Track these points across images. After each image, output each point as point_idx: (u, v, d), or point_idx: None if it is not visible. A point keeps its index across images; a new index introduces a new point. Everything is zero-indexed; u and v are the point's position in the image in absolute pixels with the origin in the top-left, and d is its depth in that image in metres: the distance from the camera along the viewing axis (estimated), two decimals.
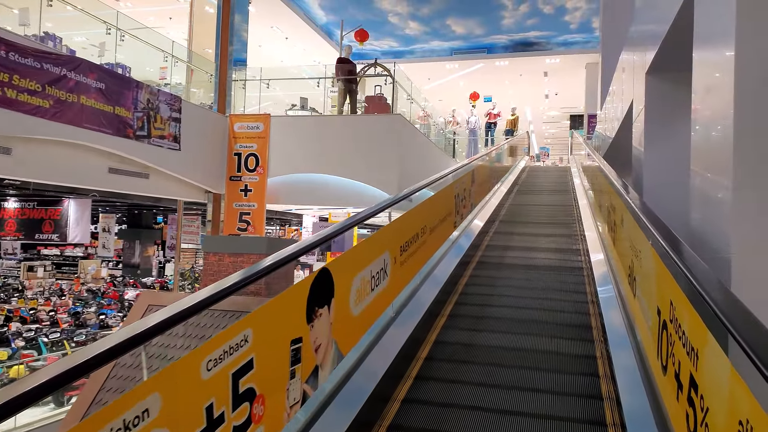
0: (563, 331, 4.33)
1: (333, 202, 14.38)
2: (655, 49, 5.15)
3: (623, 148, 9.78)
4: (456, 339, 4.20)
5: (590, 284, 5.51)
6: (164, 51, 12.48)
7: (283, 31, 18.32)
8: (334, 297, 2.67)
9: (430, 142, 16.76)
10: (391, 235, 3.74)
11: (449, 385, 3.52)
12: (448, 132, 21.42)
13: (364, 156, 12.68)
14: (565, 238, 7.61)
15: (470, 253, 6.55)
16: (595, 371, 3.68)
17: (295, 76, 15.82)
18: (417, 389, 3.45)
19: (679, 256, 2.15)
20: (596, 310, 4.72)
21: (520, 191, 12.52)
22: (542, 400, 3.37)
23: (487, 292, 5.32)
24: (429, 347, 4.02)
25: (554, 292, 5.35)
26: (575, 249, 6.91)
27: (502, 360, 3.85)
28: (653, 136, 5.68)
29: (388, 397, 3.26)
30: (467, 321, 4.56)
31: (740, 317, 1.59)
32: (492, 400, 3.35)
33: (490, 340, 4.19)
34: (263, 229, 13.38)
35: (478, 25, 19.04)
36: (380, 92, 14.08)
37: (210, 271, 8.45)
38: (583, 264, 6.24)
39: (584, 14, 17.64)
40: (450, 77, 23.30)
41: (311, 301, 2.42)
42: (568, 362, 3.83)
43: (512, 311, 4.79)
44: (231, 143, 13.48)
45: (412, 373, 3.63)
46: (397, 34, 19.89)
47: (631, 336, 3.65)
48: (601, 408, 3.26)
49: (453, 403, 3.31)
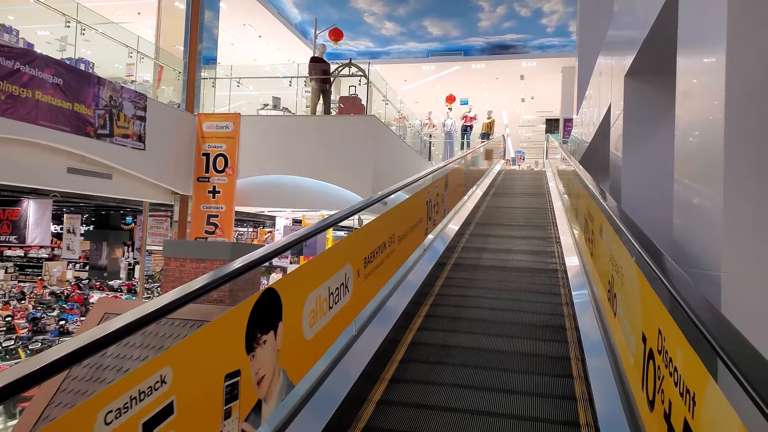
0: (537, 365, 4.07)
1: (304, 204, 14.02)
2: (635, 51, 4.94)
3: (600, 153, 9.62)
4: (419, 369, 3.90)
5: (564, 286, 5.29)
6: (128, 46, 12.00)
7: (256, 29, 17.91)
8: (282, 320, 2.35)
9: (406, 144, 16.51)
10: (354, 245, 3.44)
11: (416, 410, 3.23)
12: (424, 134, 21.19)
13: (337, 158, 12.37)
14: (539, 241, 7.60)
15: (442, 262, 6.29)
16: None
17: (268, 75, 15.41)
18: (380, 417, 3.15)
19: (669, 280, 1.89)
20: (572, 324, 4.48)
21: (496, 194, 12.33)
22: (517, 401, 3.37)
23: (460, 304, 5.05)
24: (394, 367, 3.73)
25: (529, 294, 5.15)
26: (550, 251, 6.74)
27: (467, 396, 3.56)
28: (632, 140, 5.47)
29: (346, 427, 2.95)
30: (432, 349, 4.25)
31: (747, 361, 1.32)
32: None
33: (455, 373, 3.89)
34: (231, 231, 12.98)
35: (455, 27, 18.85)
36: (354, 93, 13.78)
37: (171, 278, 8.04)
38: (558, 266, 6.03)
39: (561, 18, 17.55)
40: (426, 79, 23.09)
41: (252, 328, 2.10)
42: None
43: (485, 325, 4.52)
44: (199, 143, 13.06)
45: (375, 396, 3.33)
46: (373, 34, 19.61)
47: (609, 352, 3.40)
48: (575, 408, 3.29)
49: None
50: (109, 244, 23.98)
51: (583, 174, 6.10)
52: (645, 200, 5.29)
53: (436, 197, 6.22)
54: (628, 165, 5.50)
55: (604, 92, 7.29)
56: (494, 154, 19.72)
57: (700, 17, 3.13)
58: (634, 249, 2.56)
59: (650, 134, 5.38)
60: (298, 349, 2.53)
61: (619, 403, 2.94)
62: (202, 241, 9.01)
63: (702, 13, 3.08)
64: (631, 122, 5.48)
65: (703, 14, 3.06)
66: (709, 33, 2.92)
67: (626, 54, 5.45)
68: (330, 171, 12.36)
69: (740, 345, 1.39)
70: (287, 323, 2.39)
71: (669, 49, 4.78)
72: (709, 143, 2.74)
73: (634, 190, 5.41)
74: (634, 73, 5.38)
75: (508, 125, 31.98)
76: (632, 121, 5.47)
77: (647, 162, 5.40)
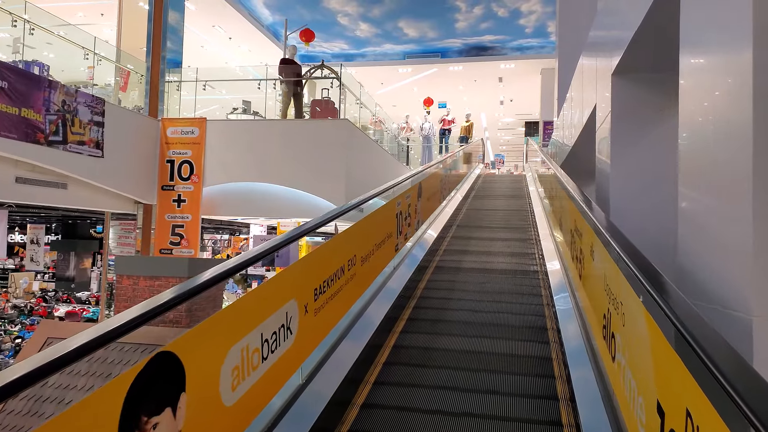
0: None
1: (275, 213, 13.41)
2: (623, 48, 4.44)
3: (584, 157, 9.15)
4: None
5: (551, 319, 4.76)
6: (84, 48, 11.30)
7: (226, 31, 17.25)
8: (185, 391, 1.78)
9: (382, 149, 15.97)
10: (301, 275, 2.87)
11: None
12: (402, 139, 20.69)
13: (309, 164, 11.78)
14: (519, 243, 7.44)
15: (412, 283, 5.75)
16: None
17: (235, 78, 14.78)
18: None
19: (706, 352, 1.34)
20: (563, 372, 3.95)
21: (476, 196, 11.86)
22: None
23: (437, 318, 4.50)
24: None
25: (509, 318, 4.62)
26: (533, 266, 6.21)
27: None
28: (621, 143, 4.97)
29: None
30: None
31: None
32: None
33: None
34: (198, 243, 12.31)
35: (431, 28, 18.37)
36: (327, 96, 13.20)
37: (124, 297, 7.40)
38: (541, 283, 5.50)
39: (539, 18, 17.16)
40: (403, 82, 22.58)
41: (132, 411, 1.52)
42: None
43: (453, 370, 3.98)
44: (163, 149, 12.37)
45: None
46: (348, 36, 19.05)
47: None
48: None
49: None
50: (77, 254, 23.07)
51: (565, 181, 5.60)
52: (635, 209, 4.79)
53: (408, 208, 5.67)
54: (616, 170, 5.00)
55: (588, 93, 6.80)
56: (473, 158, 19.27)
57: (713, 10, 2.62)
58: (640, 286, 2.02)
59: (641, 136, 4.89)
60: (214, 422, 1.95)
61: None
62: (157, 258, 8.36)
63: (716, 6, 2.57)
64: (619, 123, 4.98)
65: (717, 7, 2.56)
66: (726, 24, 2.41)
67: (613, 51, 4.95)
68: (301, 177, 11.77)
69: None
70: (195, 392, 1.82)
71: (662, 46, 4.30)
72: (730, 151, 2.22)
73: (623, 198, 4.91)
74: (623, 72, 4.89)
75: (488, 128, 31.60)
76: (621, 123, 4.97)
77: (638, 167, 4.91)
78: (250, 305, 2.31)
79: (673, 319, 1.56)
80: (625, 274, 2.29)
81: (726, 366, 1.26)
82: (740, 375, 1.24)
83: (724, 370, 1.23)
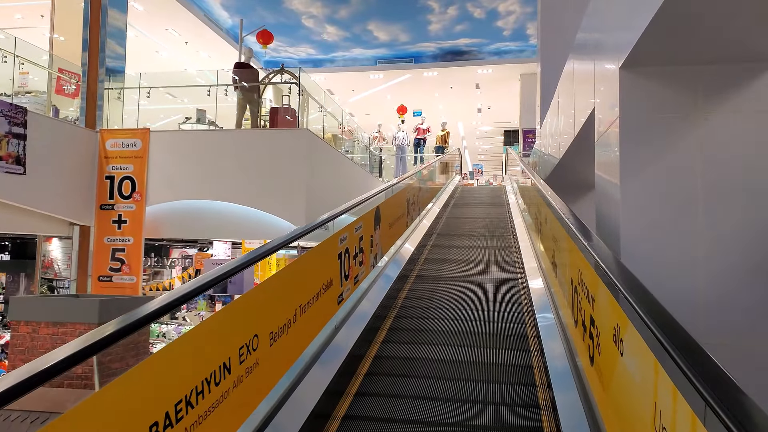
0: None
1: (228, 234, 12.12)
2: (639, 32, 3.26)
3: (575, 171, 8.00)
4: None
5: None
6: (2, 49, 9.93)
7: (180, 35, 15.91)
8: None
9: (351, 161, 14.74)
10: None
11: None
12: (374, 149, 19.48)
13: (265, 179, 10.51)
14: (499, 249, 6.69)
15: (370, 333, 4.49)
16: None
17: (183, 84, 13.46)
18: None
19: None
20: None
21: (451, 215, 10.66)
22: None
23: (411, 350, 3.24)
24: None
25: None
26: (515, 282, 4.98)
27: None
28: (635, 158, 3.79)
29: None
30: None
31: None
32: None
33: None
34: (140, 268, 10.93)
35: (403, 31, 17.20)
36: (287, 104, 11.93)
37: (20, 348, 6.01)
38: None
39: (518, 19, 16.09)
40: (375, 89, 21.39)
41: None
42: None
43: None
44: (102, 164, 11.01)
45: None
46: (314, 40, 17.80)
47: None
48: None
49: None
50: (27, 275, 21.44)
51: (553, 200, 4.43)
52: (661, 256, 3.61)
53: (359, 242, 4.42)
54: (629, 194, 3.81)
55: (582, 98, 5.64)
56: (449, 169, 18.12)
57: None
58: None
59: (662, 147, 3.71)
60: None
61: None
62: (61, 298, 7.02)
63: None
64: (632, 132, 3.80)
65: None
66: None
67: (621, 43, 3.78)
68: (256, 195, 10.48)
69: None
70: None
71: (689, 31, 3.15)
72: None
73: (641, 238, 3.72)
74: (637, 65, 3.71)
75: (465, 137, 30.55)
76: (634, 130, 3.79)
77: (659, 188, 3.73)
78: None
79: None
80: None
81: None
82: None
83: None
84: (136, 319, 1.90)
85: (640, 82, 3.76)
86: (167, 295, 2.15)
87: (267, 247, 2.98)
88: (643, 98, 3.76)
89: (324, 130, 15.62)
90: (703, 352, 1.47)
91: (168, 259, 19.21)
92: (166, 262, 19.61)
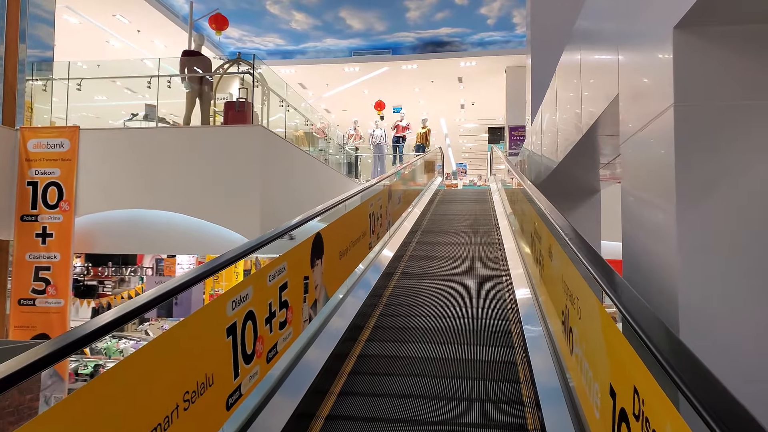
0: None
1: (174, 249, 10.64)
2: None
3: (577, 179, 6.61)
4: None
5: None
6: None
7: (131, 22, 14.31)
8: None
9: (319, 161, 13.27)
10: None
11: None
12: (350, 148, 18.01)
13: (213, 185, 9.04)
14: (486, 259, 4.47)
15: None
16: None
17: (119, 76, 11.91)
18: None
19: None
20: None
21: (427, 230, 9.25)
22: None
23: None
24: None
25: None
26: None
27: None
28: (704, 169, 2.39)
29: None
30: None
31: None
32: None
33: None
34: (68, 290, 9.39)
35: (379, 20, 15.71)
36: (243, 97, 10.42)
37: None
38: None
39: (503, 6, 14.68)
40: (351, 83, 19.88)
41: None
42: None
43: None
44: (23, 168, 9.44)
45: None
46: (282, 28, 16.25)
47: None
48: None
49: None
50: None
51: (549, 211, 3.05)
52: (752, 333, 2.22)
53: (278, 297, 2.98)
54: (692, 230, 2.40)
55: (594, 87, 4.23)
56: (431, 170, 16.70)
57: None
58: None
59: (754, 155, 2.31)
60: None
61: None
62: None
63: None
64: (698, 129, 2.39)
65: None
66: None
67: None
68: (204, 204, 9.00)
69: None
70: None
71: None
72: None
73: (713, 300, 2.32)
74: (707, 19, 2.31)
75: (448, 135, 29.14)
76: (703, 127, 2.39)
77: (749, 222, 2.33)
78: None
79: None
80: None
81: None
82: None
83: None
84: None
85: (713, 50, 2.35)
86: (53, 342, 1.65)
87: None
88: (718, 74, 2.35)
89: (296, 127, 14.16)
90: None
91: (129, 268, 17.60)
92: (125, 271, 18.01)
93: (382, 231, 6.63)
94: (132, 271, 17.84)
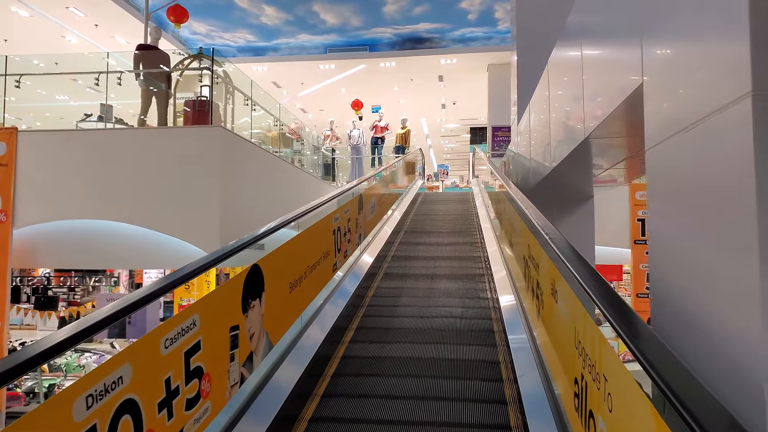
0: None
1: (125, 263, 9.73)
2: None
3: (573, 189, 5.85)
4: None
5: None
6: None
7: (86, 15, 13.30)
8: None
9: (290, 164, 12.41)
10: None
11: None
12: (326, 149, 17.15)
13: (169, 192, 8.16)
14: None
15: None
16: None
17: (65, 72, 10.94)
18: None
19: None
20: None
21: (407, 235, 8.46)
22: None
23: None
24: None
25: None
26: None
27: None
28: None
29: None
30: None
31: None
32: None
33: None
34: (5, 310, 8.43)
35: (355, 14, 14.85)
36: (201, 95, 9.52)
37: None
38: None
39: (485, 1, 13.90)
40: (327, 81, 18.99)
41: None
42: None
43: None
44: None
45: None
46: (252, 23, 15.32)
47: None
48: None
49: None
50: None
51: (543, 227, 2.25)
52: None
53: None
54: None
55: (611, 78, 3.45)
56: (411, 171, 15.91)
57: None
58: None
59: None
60: None
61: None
62: None
63: None
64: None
65: None
66: None
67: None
68: (157, 213, 8.11)
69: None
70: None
71: None
72: None
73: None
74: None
75: (429, 135, 28.37)
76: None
77: None
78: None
79: None
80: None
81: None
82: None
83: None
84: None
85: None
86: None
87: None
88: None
89: (268, 128, 13.29)
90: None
91: (94, 277, 16.55)
92: (89, 282, 16.96)
93: (351, 248, 5.78)
94: (97, 280, 16.84)
